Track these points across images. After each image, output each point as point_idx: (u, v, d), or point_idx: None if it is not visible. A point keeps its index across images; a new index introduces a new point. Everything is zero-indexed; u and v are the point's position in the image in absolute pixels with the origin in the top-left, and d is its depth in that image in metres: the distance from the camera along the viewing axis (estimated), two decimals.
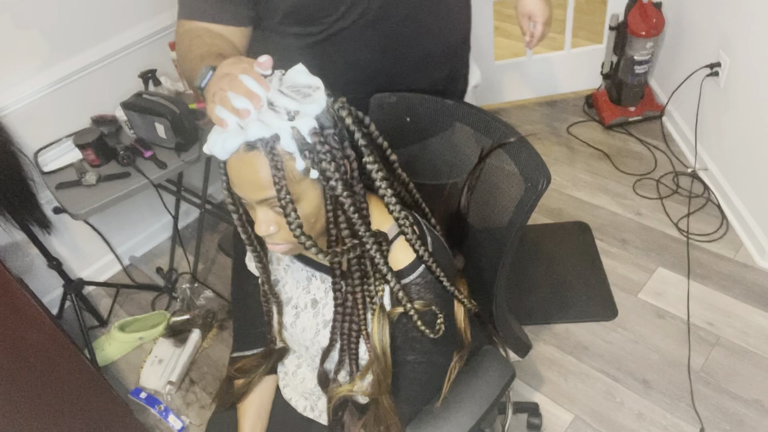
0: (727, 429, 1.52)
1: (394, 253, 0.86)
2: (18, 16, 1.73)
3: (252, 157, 0.72)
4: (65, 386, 1.36)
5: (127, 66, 1.98)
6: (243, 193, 0.76)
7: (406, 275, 0.85)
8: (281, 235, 0.79)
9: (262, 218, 0.77)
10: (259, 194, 0.74)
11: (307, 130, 0.72)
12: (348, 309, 0.86)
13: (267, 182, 0.72)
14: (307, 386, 1.05)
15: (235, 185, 0.76)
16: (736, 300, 1.80)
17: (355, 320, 0.87)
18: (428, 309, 0.85)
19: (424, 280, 0.85)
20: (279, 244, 0.81)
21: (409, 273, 0.85)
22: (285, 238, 0.80)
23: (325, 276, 0.93)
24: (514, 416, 1.58)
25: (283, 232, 0.79)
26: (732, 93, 1.96)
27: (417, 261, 0.85)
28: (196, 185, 2.38)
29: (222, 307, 2.05)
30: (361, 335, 0.88)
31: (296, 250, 0.85)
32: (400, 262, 0.85)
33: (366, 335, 0.87)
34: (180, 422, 1.76)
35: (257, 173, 0.72)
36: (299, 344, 1.00)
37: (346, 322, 0.87)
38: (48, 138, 1.88)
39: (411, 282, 0.85)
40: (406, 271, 0.85)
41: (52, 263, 1.89)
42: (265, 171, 0.72)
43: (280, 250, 0.82)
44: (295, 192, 0.74)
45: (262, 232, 0.78)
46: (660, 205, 2.15)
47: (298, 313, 0.97)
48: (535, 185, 0.88)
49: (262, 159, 0.71)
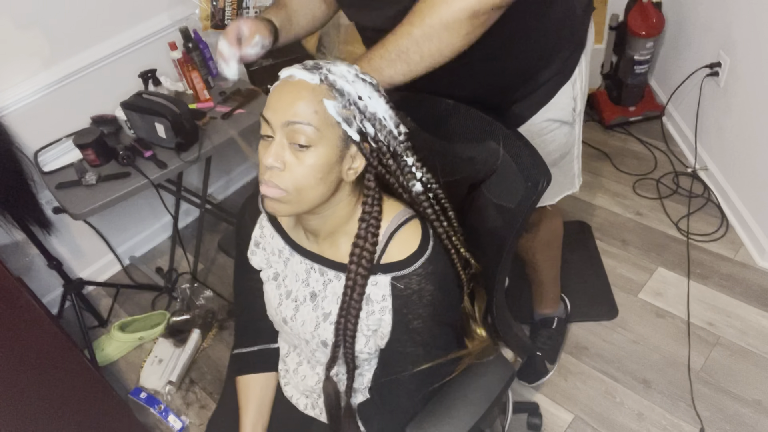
0: (727, 429, 1.52)
1: (396, 243, 0.86)
2: (18, 16, 1.73)
3: (300, 81, 0.77)
4: (65, 386, 1.36)
5: (127, 66, 1.98)
6: (274, 115, 0.77)
7: (407, 266, 0.85)
8: (284, 176, 0.78)
9: (275, 150, 0.77)
10: (289, 114, 0.76)
11: (358, 92, 0.79)
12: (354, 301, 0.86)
13: (304, 105, 0.76)
14: (308, 384, 1.05)
15: (270, 107, 0.78)
16: (736, 300, 1.80)
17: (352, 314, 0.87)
18: None
19: (425, 271, 0.85)
20: (275, 187, 0.79)
21: (411, 263, 0.85)
22: (285, 181, 0.78)
23: (324, 269, 0.93)
24: (514, 416, 1.58)
25: (287, 174, 0.78)
26: (732, 93, 1.96)
27: (418, 252, 0.85)
28: (196, 185, 2.38)
29: (222, 307, 2.05)
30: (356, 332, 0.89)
31: (286, 205, 0.81)
32: (401, 252, 0.85)
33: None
34: (180, 422, 1.76)
35: (298, 94, 0.76)
36: (299, 338, 1.00)
37: (351, 315, 0.87)
38: (48, 138, 1.88)
39: (413, 272, 0.85)
40: (408, 261, 0.85)
41: (52, 263, 1.89)
42: (309, 95, 0.76)
43: (272, 194, 0.79)
44: (321, 131, 0.77)
45: (268, 162, 0.77)
46: (660, 205, 2.15)
47: (297, 306, 0.97)
48: (535, 185, 0.88)
49: (308, 86, 0.77)
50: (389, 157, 0.83)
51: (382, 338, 0.90)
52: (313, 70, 0.78)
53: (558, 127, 1.18)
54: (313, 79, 0.77)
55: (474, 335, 1.01)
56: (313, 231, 0.90)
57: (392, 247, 0.86)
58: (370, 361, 0.98)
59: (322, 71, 0.78)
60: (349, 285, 0.86)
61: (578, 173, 1.34)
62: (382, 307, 0.87)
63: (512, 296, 1.11)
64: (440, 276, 0.87)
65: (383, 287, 0.86)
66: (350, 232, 0.87)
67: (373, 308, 0.88)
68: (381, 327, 0.89)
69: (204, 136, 1.83)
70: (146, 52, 2.03)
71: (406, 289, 0.85)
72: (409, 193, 0.87)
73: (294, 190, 0.79)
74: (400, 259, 0.85)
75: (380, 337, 0.91)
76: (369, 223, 0.85)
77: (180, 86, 2.05)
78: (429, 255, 0.86)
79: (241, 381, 1.11)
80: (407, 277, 0.85)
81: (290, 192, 0.79)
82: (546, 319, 1.73)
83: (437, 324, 0.90)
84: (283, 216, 0.88)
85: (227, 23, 2.04)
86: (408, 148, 0.84)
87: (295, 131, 0.76)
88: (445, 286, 0.89)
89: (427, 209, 0.88)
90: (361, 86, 0.79)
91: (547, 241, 1.52)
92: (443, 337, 0.94)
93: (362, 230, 0.85)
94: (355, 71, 0.80)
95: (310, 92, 0.77)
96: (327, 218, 0.87)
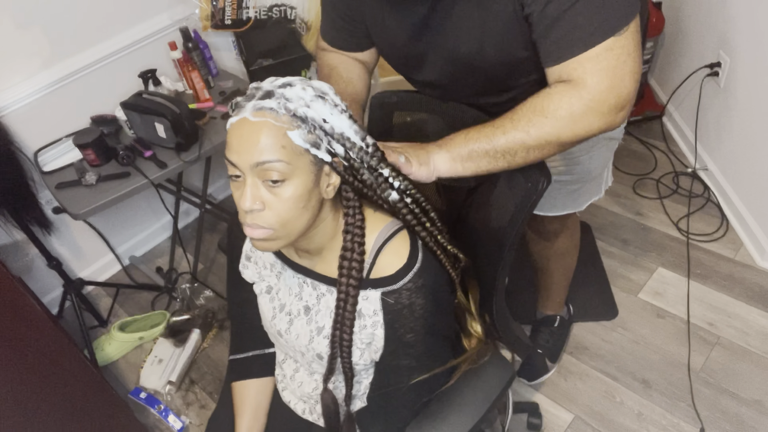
0: (727, 429, 1.52)
1: (385, 257, 0.85)
2: (18, 16, 1.73)
3: (259, 121, 0.73)
4: (65, 386, 1.36)
5: (127, 66, 1.98)
6: (240, 157, 0.74)
7: (397, 280, 0.84)
8: (265, 216, 0.76)
9: (250, 192, 0.74)
10: (257, 156, 0.73)
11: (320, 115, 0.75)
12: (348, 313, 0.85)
13: (269, 142, 0.73)
14: (305, 390, 1.05)
15: (233, 149, 0.75)
16: (736, 300, 1.80)
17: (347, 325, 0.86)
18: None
19: (415, 285, 0.84)
20: (259, 228, 0.76)
21: (401, 277, 0.84)
22: (268, 220, 0.76)
23: (317, 283, 0.93)
24: (514, 416, 1.58)
25: (268, 213, 0.76)
26: (732, 93, 1.96)
27: (408, 265, 0.84)
28: (196, 185, 2.38)
29: (222, 307, 2.05)
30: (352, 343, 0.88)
31: (275, 241, 0.79)
32: (390, 266, 0.84)
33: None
34: (180, 422, 1.76)
35: (260, 132, 0.73)
36: (294, 350, 1.00)
37: (346, 326, 0.86)
38: (48, 138, 1.88)
39: (402, 287, 0.84)
40: (397, 276, 0.84)
41: (52, 263, 1.89)
42: (271, 131, 0.73)
43: (258, 235, 0.77)
44: (292, 164, 0.74)
45: (246, 206, 0.75)
46: (660, 205, 2.15)
47: (291, 320, 0.97)
48: (535, 185, 0.88)
49: (269, 123, 0.73)
50: (363, 172, 0.80)
51: (376, 352, 0.90)
52: (267, 99, 0.74)
53: (606, 143, 1.17)
54: (272, 112, 0.73)
55: (471, 331, 1.01)
56: (303, 249, 0.90)
57: (381, 261, 0.85)
58: (367, 369, 0.97)
59: (278, 100, 0.74)
60: (341, 297, 0.85)
61: (606, 179, 1.34)
62: (373, 321, 0.86)
63: (512, 296, 1.11)
64: (431, 288, 0.86)
65: (374, 302, 0.85)
66: (337, 246, 0.86)
67: (365, 323, 0.87)
68: (374, 341, 0.89)
69: (204, 136, 1.83)
70: (146, 52, 2.03)
71: (397, 303, 0.84)
72: (387, 203, 0.85)
73: (280, 226, 0.77)
74: (390, 274, 0.84)
75: (374, 351, 0.90)
76: (353, 234, 0.83)
77: (180, 86, 2.05)
78: (418, 268, 0.84)
79: (236, 387, 1.10)
80: (397, 292, 0.84)
81: (276, 228, 0.77)
82: (548, 317, 1.73)
83: (431, 335, 0.89)
84: (275, 250, 0.85)
85: (227, 23, 2.04)
86: (380, 159, 0.81)
87: (265, 170, 0.73)
88: (436, 298, 0.88)
89: (407, 216, 0.86)
90: (320, 106, 0.76)
91: (564, 250, 1.51)
92: (437, 348, 0.93)
93: (347, 242, 0.83)
94: (312, 91, 0.76)
95: (271, 127, 0.73)
96: (313, 237, 0.85)
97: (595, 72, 0.81)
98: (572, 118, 0.83)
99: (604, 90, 0.81)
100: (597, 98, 0.81)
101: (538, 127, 0.84)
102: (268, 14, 2.04)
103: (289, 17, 2.05)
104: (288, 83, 0.76)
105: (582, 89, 0.81)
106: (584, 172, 1.22)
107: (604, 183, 1.34)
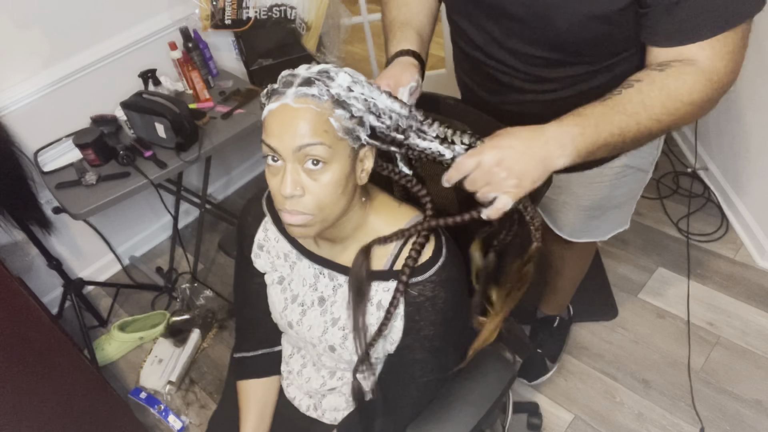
0: (727, 429, 1.52)
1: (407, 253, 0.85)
2: (18, 16, 1.73)
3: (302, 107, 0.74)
4: (65, 386, 1.36)
5: (127, 66, 1.98)
6: (281, 142, 0.74)
7: (422, 273, 0.84)
8: (305, 201, 0.76)
9: (290, 177, 0.75)
10: (299, 140, 0.73)
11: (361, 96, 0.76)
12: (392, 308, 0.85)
13: (312, 127, 0.73)
14: (312, 386, 1.05)
15: (273, 134, 0.75)
16: (736, 300, 1.80)
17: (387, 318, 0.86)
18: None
19: (440, 278, 0.85)
20: (299, 213, 0.77)
21: (426, 270, 0.85)
22: (308, 206, 0.76)
23: (334, 273, 0.93)
24: (514, 416, 1.58)
25: (308, 198, 0.76)
26: (732, 93, 1.96)
27: (433, 259, 0.85)
28: (196, 185, 2.38)
29: (222, 307, 2.05)
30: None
31: (313, 227, 0.79)
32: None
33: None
34: (180, 422, 1.76)
35: (303, 117, 0.73)
36: (305, 341, 1.00)
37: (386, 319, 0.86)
38: (48, 138, 1.88)
39: (427, 279, 0.84)
40: (423, 268, 0.85)
41: (52, 263, 1.89)
42: (314, 116, 0.73)
43: (297, 221, 0.77)
44: (333, 148, 0.75)
45: (287, 191, 0.75)
46: (660, 205, 2.15)
47: (304, 310, 0.97)
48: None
49: (311, 109, 0.74)
50: (416, 143, 0.79)
51: (392, 344, 0.91)
52: (308, 86, 0.74)
53: (633, 173, 1.15)
54: (315, 99, 0.74)
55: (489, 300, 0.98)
56: (329, 238, 0.89)
57: (406, 253, 0.85)
58: (380, 362, 0.98)
59: (319, 86, 0.74)
60: (399, 288, 0.84)
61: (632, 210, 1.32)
62: (394, 313, 0.87)
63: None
64: (454, 283, 0.87)
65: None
66: (361, 236, 0.87)
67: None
68: (392, 333, 0.89)
69: (204, 136, 1.83)
70: (146, 52, 2.03)
71: (420, 296, 0.85)
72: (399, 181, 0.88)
73: (318, 211, 0.77)
74: (415, 266, 0.85)
75: (390, 343, 0.91)
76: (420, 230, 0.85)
77: (180, 86, 2.05)
78: (443, 262, 0.85)
79: (242, 385, 1.10)
80: (421, 284, 0.85)
81: (315, 214, 0.77)
82: (548, 317, 1.73)
83: (448, 330, 0.90)
84: (311, 237, 0.84)
85: (227, 23, 2.04)
86: (431, 123, 0.79)
87: (307, 154, 0.74)
88: (458, 293, 0.88)
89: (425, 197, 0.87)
90: (360, 89, 0.77)
91: (581, 254, 1.50)
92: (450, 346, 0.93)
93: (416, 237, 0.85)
94: (349, 77, 0.77)
95: (314, 113, 0.74)
96: (343, 225, 0.86)
97: (723, 55, 0.78)
98: (701, 104, 0.78)
99: (729, 73, 0.79)
100: (723, 81, 0.79)
101: (671, 113, 0.77)
102: (268, 14, 2.04)
103: (289, 17, 2.05)
104: (325, 70, 0.77)
105: (711, 73, 0.77)
106: (608, 197, 1.20)
107: (630, 214, 1.31)
